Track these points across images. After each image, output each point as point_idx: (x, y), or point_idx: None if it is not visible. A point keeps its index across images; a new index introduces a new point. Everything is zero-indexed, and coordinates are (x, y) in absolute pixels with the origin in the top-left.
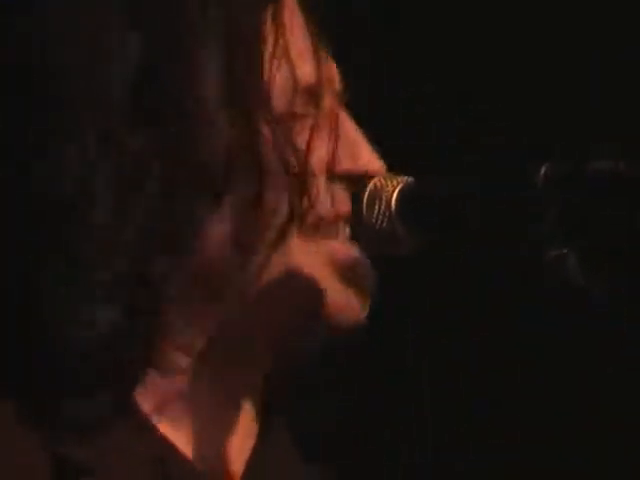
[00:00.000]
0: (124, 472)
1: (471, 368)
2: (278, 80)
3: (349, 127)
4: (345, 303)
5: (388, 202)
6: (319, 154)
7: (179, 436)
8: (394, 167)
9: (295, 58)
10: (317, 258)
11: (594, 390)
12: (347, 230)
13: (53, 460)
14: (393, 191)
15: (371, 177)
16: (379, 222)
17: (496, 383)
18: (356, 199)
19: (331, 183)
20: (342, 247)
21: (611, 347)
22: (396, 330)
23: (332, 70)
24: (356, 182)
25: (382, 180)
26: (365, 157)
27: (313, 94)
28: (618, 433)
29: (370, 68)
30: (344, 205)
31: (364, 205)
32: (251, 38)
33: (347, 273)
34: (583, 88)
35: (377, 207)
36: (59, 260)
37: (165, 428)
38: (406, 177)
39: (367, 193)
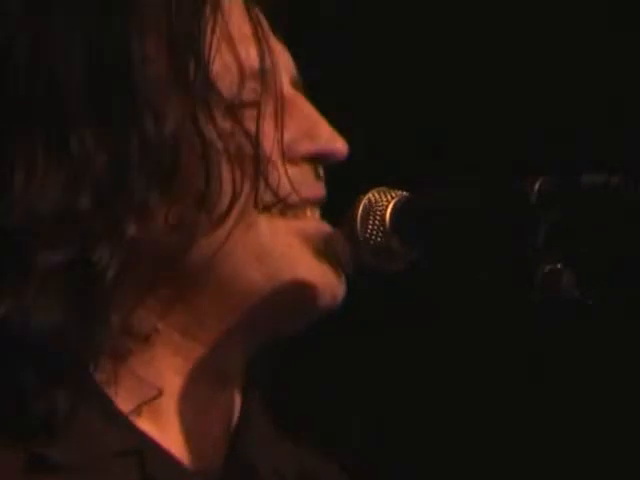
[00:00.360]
0: (99, 466)
1: (470, 369)
2: (222, 63)
3: (307, 109)
4: (321, 277)
5: (382, 217)
6: (275, 138)
7: (164, 434)
8: (393, 168)
9: (237, 42)
10: (288, 236)
11: (594, 390)
12: (316, 213)
13: (25, 459)
14: (387, 206)
15: (333, 157)
16: (373, 237)
17: (496, 384)
18: (350, 215)
19: (293, 166)
20: (312, 223)
21: (611, 347)
22: (394, 331)
23: (283, 55)
24: (320, 162)
25: (376, 195)
26: (325, 136)
27: (261, 79)
28: (618, 433)
29: (370, 69)
30: (311, 188)
31: (358, 220)
32: (191, 22)
33: (320, 247)
34: (582, 93)
35: (371, 222)
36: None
37: (148, 426)
38: (400, 192)
39: (361, 208)
